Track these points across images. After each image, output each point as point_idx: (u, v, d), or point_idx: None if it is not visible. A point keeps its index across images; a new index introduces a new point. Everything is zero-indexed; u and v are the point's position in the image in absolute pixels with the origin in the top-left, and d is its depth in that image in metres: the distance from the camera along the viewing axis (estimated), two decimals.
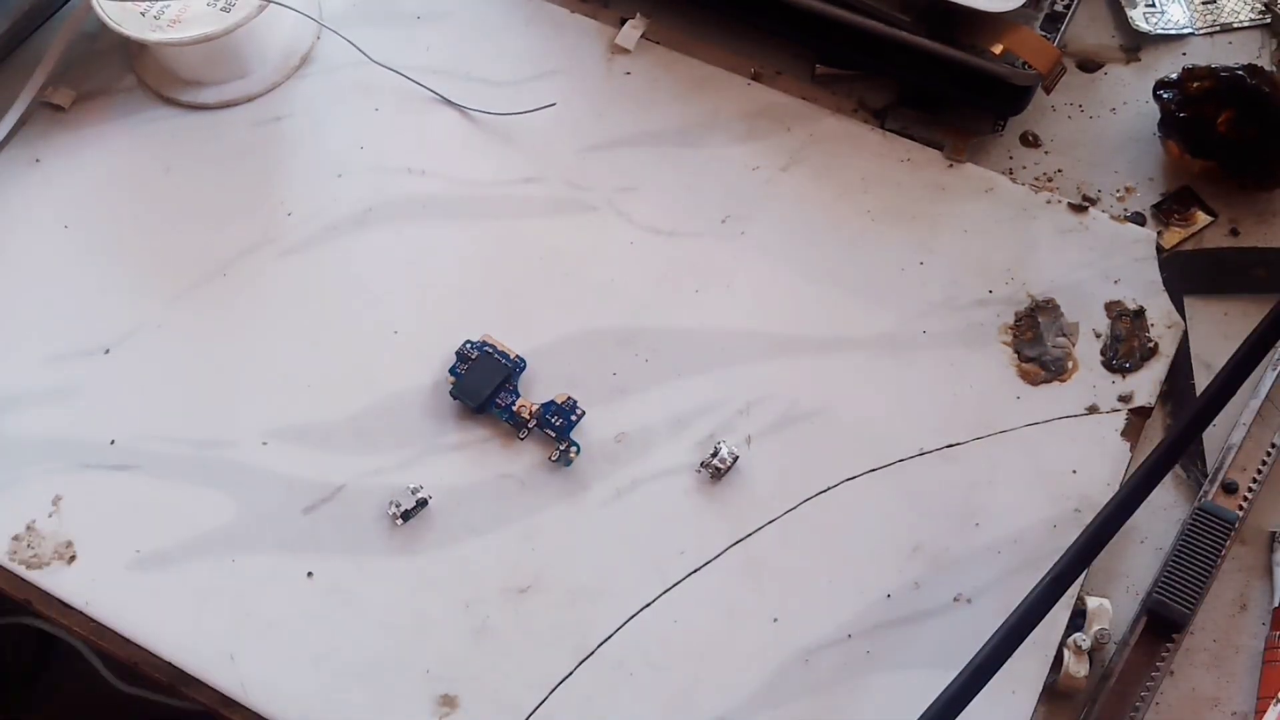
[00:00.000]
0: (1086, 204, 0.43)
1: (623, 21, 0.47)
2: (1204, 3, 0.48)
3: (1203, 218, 0.43)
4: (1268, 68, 0.45)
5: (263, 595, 0.37)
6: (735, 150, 0.45)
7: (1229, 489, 0.38)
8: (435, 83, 0.46)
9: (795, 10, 0.44)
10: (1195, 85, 0.43)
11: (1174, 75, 0.44)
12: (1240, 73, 0.42)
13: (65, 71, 0.46)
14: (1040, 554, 0.37)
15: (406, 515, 0.37)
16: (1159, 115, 0.44)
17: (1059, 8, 0.44)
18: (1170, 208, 0.44)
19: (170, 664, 0.36)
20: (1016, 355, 0.40)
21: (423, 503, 0.37)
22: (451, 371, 0.40)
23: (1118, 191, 0.44)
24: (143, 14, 0.43)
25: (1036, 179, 0.44)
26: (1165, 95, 0.43)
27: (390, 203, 0.44)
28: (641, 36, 0.47)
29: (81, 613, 0.37)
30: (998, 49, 0.42)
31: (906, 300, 0.41)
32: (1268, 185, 0.43)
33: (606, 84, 0.46)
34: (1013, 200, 0.43)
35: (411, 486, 0.37)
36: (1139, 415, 0.39)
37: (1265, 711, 0.35)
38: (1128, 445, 0.39)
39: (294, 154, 0.45)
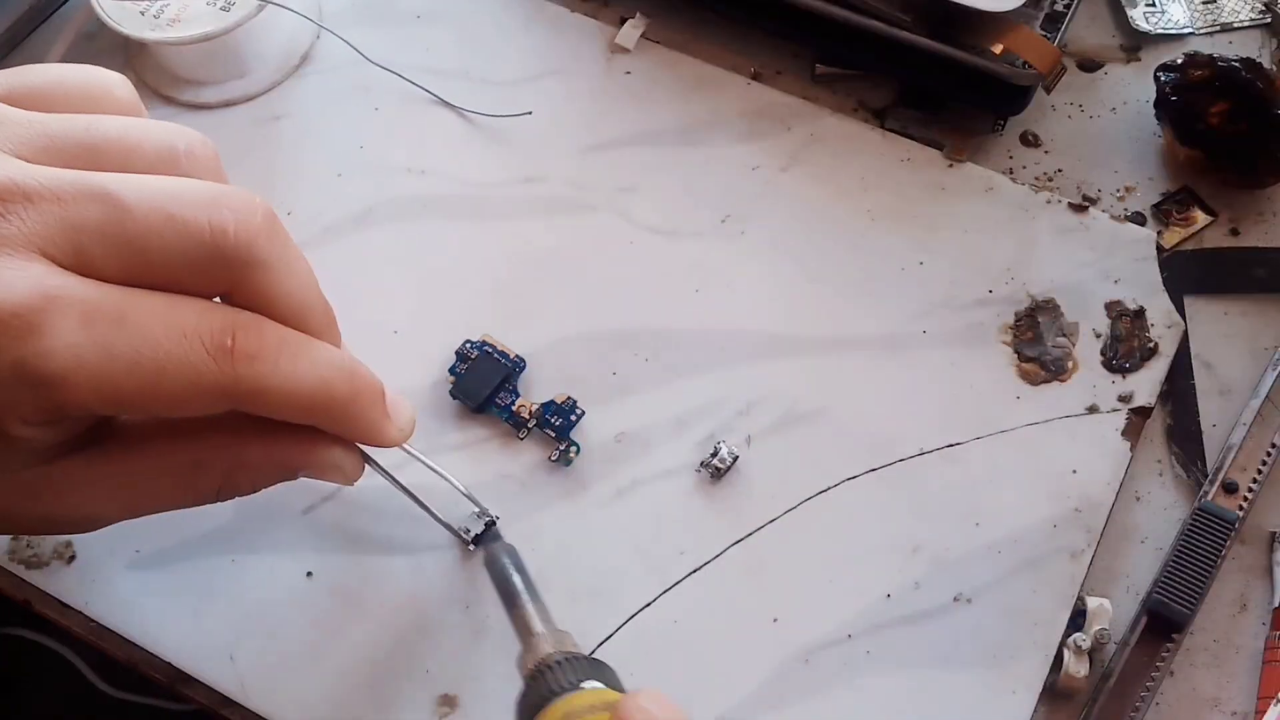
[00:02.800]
0: (1086, 204, 0.43)
1: (623, 21, 0.47)
2: (1204, 2, 0.48)
3: (1203, 217, 0.43)
4: (1269, 66, 0.45)
5: (263, 595, 0.37)
6: (735, 150, 0.45)
7: (1229, 489, 0.38)
8: (434, 82, 0.46)
9: (795, 10, 0.44)
10: (1195, 73, 0.43)
11: (1179, 59, 0.43)
12: (1236, 65, 0.42)
13: None
14: (1040, 554, 0.37)
15: (477, 540, 0.37)
16: (1154, 96, 0.44)
17: (1059, 7, 0.44)
18: (1170, 207, 0.44)
19: (170, 664, 0.36)
20: (1016, 355, 0.40)
21: (490, 524, 0.37)
22: (451, 371, 0.40)
23: (1118, 191, 0.44)
24: (142, 13, 0.43)
25: (1036, 179, 0.44)
26: (1163, 77, 0.43)
27: (390, 203, 0.44)
28: (641, 36, 0.47)
29: (81, 613, 0.37)
30: (998, 49, 0.42)
31: (906, 300, 0.41)
32: (1251, 182, 0.43)
33: (606, 84, 0.46)
34: (1013, 200, 0.43)
35: (476, 511, 0.37)
36: (1139, 415, 0.39)
37: (1265, 711, 0.35)
38: (1128, 445, 0.39)
39: (294, 154, 0.45)
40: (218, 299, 0.26)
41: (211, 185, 0.26)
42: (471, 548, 0.37)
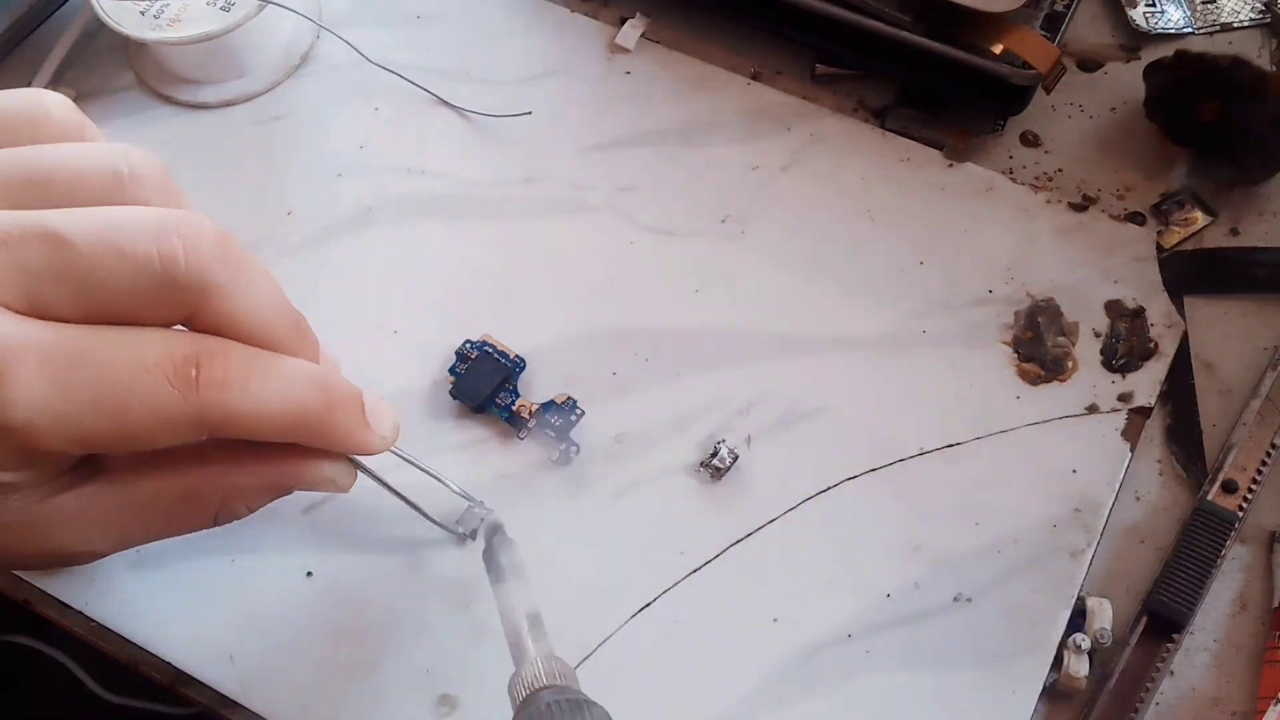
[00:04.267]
0: (1086, 203, 0.43)
1: (623, 21, 0.47)
2: (1204, 2, 0.48)
3: (1202, 217, 0.43)
4: (1268, 66, 0.45)
5: (263, 595, 0.37)
6: (735, 150, 0.45)
7: (1229, 489, 0.38)
8: (434, 82, 0.46)
9: (795, 10, 0.44)
10: (1185, 71, 0.43)
11: (1169, 57, 0.43)
12: (1225, 62, 0.42)
13: (64, 71, 0.46)
14: (1040, 554, 0.37)
15: (474, 533, 0.37)
16: (1145, 94, 0.44)
17: (1059, 7, 0.44)
18: (1170, 207, 0.44)
19: (169, 664, 0.36)
20: (1016, 355, 0.40)
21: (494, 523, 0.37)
22: (451, 371, 0.40)
23: (1117, 191, 0.44)
24: (142, 13, 0.43)
25: (1036, 179, 0.44)
26: (1154, 75, 0.43)
27: (390, 203, 0.44)
28: (641, 36, 0.47)
29: (80, 613, 0.37)
30: (998, 49, 0.42)
31: (906, 300, 0.41)
32: (1241, 179, 0.43)
33: (606, 84, 0.46)
34: (1013, 200, 0.43)
35: (478, 510, 0.37)
36: (1139, 415, 0.39)
37: (1265, 711, 0.35)
38: (1128, 445, 0.39)
39: (294, 153, 0.45)
40: (180, 326, 0.26)
41: (158, 212, 0.25)
42: (471, 540, 0.37)
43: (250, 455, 0.29)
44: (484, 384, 0.39)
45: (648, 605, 0.37)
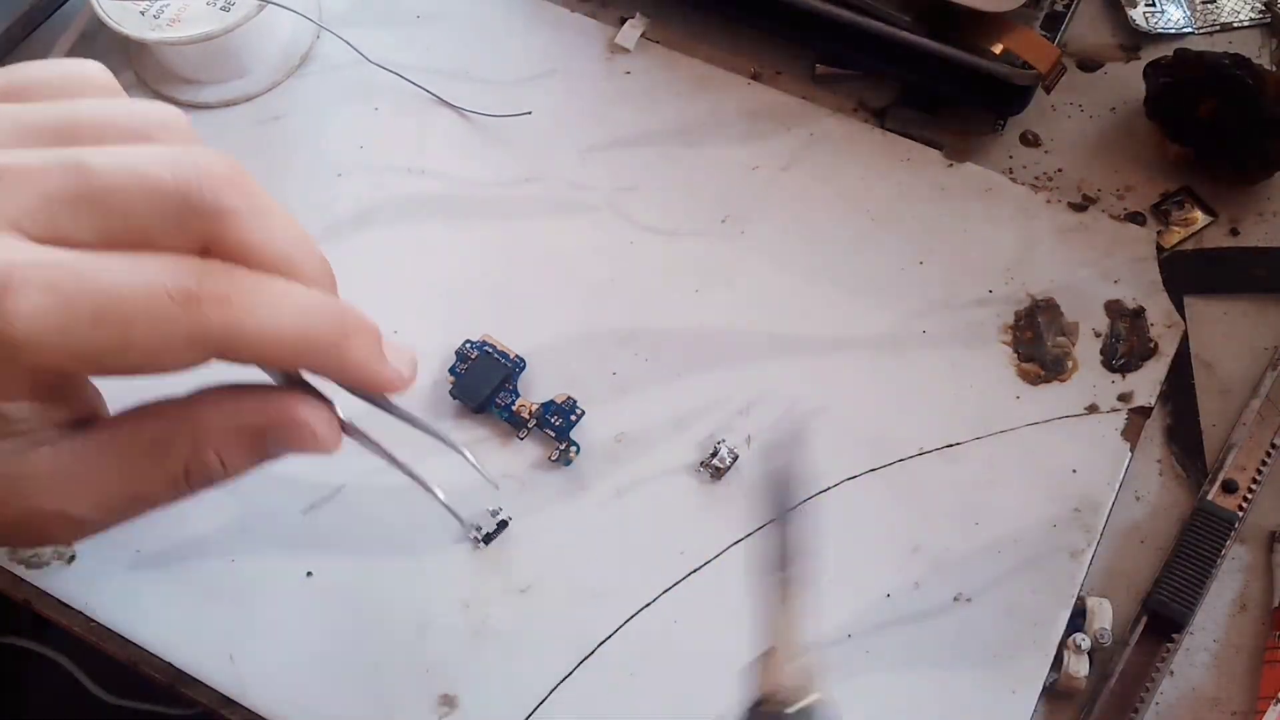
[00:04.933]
0: (1086, 203, 0.43)
1: (623, 21, 0.47)
2: (1204, 2, 0.48)
3: (1202, 217, 0.43)
4: (1268, 66, 0.45)
5: (263, 595, 0.37)
6: (735, 150, 0.45)
7: (1229, 489, 0.38)
8: (434, 82, 0.46)
9: (795, 10, 0.44)
10: (1185, 71, 0.43)
11: (1169, 56, 0.43)
12: (1225, 61, 0.42)
13: None
14: (1040, 553, 0.37)
15: (488, 538, 0.37)
16: (1144, 94, 0.44)
17: (1059, 7, 0.44)
18: (1169, 207, 0.44)
19: (169, 664, 0.36)
20: (1016, 355, 0.40)
21: (503, 524, 0.37)
22: (451, 371, 0.40)
23: (1117, 191, 0.44)
24: (142, 13, 0.43)
25: (1036, 179, 0.44)
26: (1153, 75, 0.43)
27: (390, 203, 0.44)
28: (641, 36, 0.47)
29: (81, 613, 0.37)
30: (998, 49, 0.42)
31: (906, 300, 0.41)
32: (1241, 178, 0.43)
33: (606, 84, 0.46)
34: (1013, 200, 0.43)
35: (491, 509, 0.37)
36: (1139, 415, 0.39)
37: (1265, 711, 0.35)
38: (1128, 445, 0.39)
39: (294, 153, 0.45)
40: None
41: (175, 146, 0.26)
42: (473, 535, 0.37)
43: (223, 391, 0.28)
44: (484, 384, 0.39)
45: (648, 605, 0.37)
